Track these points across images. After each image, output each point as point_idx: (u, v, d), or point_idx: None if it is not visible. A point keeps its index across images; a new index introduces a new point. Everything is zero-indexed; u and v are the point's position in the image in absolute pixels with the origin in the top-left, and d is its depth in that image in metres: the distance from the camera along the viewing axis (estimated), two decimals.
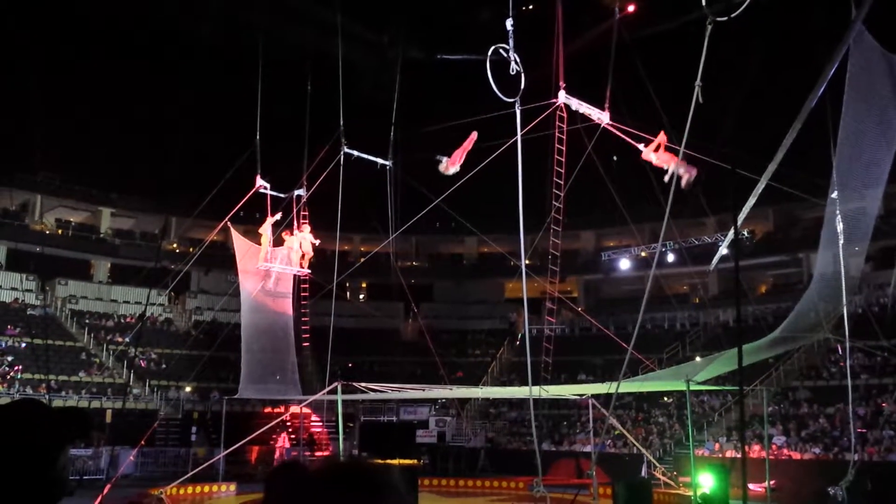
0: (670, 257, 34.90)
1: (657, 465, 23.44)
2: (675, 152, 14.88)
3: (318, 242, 23.25)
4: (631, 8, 20.23)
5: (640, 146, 15.87)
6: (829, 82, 11.96)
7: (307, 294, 24.11)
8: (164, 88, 33.23)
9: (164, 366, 34.84)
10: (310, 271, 23.44)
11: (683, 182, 14.93)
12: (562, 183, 16.62)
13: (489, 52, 14.53)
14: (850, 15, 11.71)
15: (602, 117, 16.51)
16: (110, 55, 33.40)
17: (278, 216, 22.51)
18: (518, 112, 14.73)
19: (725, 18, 11.81)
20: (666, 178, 15.09)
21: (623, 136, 16.14)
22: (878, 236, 18.17)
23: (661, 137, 15.77)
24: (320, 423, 33.59)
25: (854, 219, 15.47)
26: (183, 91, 29.77)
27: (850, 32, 11.50)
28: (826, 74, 11.84)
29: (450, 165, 16.43)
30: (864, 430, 24.44)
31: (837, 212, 15.18)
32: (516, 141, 15.11)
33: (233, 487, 24.12)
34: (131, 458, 25.19)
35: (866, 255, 19.67)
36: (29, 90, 26.84)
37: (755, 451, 24.48)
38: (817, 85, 11.93)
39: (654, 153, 15.67)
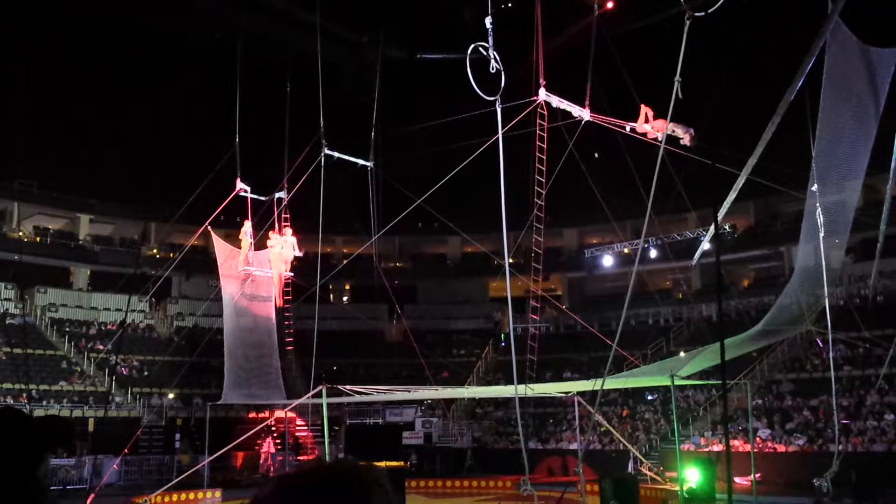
0: (653, 253, 35.01)
1: (643, 460, 23.51)
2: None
3: (299, 253, 22.91)
4: (610, 4, 20.29)
5: (628, 125, 16.12)
6: (807, 75, 12.02)
7: (290, 297, 23.95)
8: (141, 92, 32.96)
9: (146, 373, 34.51)
10: (292, 274, 23.28)
11: (688, 141, 15.23)
12: (543, 181, 16.59)
13: (469, 51, 14.47)
14: (826, 8, 11.77)
15: (583, 114, 16.51)
16: (87, 60, 33.04)
17: (249, 225, 22.35)
18: (499, 110, 14.67)
19: (703, 13, 11.82)
20: (661, 140, 15.32)
21: (608, 124, 16.21)
22: (858, 228, 18.28)
23: (645, 109, 16.06)
24: (305, 427, 33.40)
25: (834, 211, 15.58)
26: (161, 95, 29.50)
27: (826, 25, 11.55)
28: (804, 68, 11.89)
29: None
30: (847, 422, 24.63)
31: (817, 205, 15.28)
32: (497, 139, 15.05)
33: (218, 494, 23.89)
34: (115, 466, 24.90)
35: (847, 247, 19.81)
36: (4, 96, 26.51)
37: (740, 444, 24.61)
38: (795, 78, 11.98)
39: (648, 124, 15.92)
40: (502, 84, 14.46)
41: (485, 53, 14.36)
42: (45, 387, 31.10)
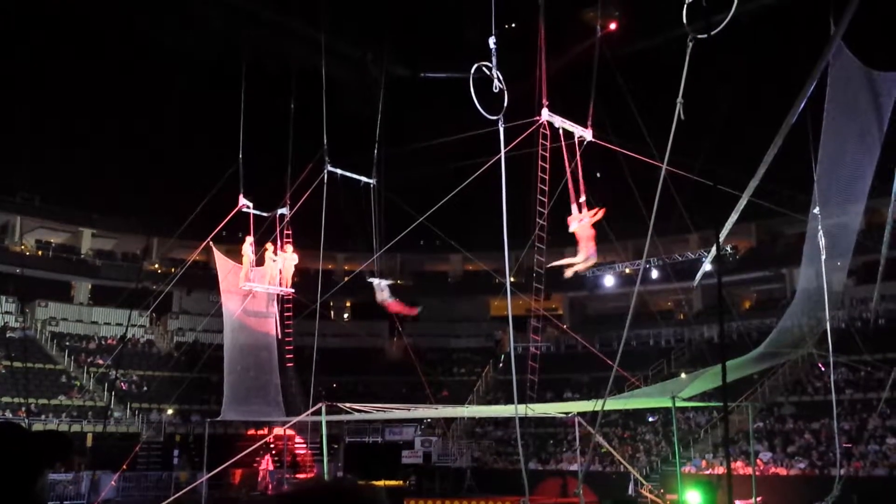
0: (654, 274, 34.94)
1: (644, 482, 23.32)
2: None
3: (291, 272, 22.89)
4: (613, 26, 20.39)
5: (574, 207, 15.97)
6: (809, 98, 12.05)
7: (291, 314, 23.90)
8: (145, 107, 33.08)
9: (145, 388, 34.40)
10: (293, 291, 23.26)
11: (568, 272, 15.36)
12: (545, 200, 16.60)
13: (472, 70, 14.54)
14: (829, 31, 11.83)
15: (585, 135, 16.54)
16: (91, 73, 33.20)
17: (251, 239, 22.36)
18: (501, 129, 14.71)
19: (706, 36, 11.86)
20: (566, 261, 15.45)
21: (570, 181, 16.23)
22: (860, 251, 18.27)
23: (598, 214, 15.91)
24: (304, 445, 33.22)
25: (836, 234, 15.57)
26: (164, 110, 29.64)
27: (829, 48, 11.60)
28: (806, 90, 11.93)
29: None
30: (849, 445, 24.48)
31: (819, 227, 15.27)
32: (500, 158, 15.08)
33: None
34: (113, 482, 24.76)
35: (848, 270, 19.78)
36: (7, 109, 26.64)
37: (741, 467, 24.44)
38: (798, 100, 12.01)
39: (581, 222, 15.82)
40: (505, 104, 14.52)
41: (488, 73, 14.43)
42: (45, 401, 30.98)
